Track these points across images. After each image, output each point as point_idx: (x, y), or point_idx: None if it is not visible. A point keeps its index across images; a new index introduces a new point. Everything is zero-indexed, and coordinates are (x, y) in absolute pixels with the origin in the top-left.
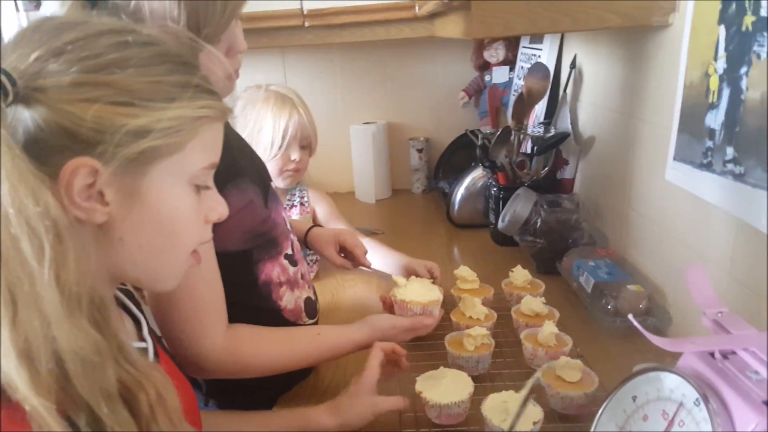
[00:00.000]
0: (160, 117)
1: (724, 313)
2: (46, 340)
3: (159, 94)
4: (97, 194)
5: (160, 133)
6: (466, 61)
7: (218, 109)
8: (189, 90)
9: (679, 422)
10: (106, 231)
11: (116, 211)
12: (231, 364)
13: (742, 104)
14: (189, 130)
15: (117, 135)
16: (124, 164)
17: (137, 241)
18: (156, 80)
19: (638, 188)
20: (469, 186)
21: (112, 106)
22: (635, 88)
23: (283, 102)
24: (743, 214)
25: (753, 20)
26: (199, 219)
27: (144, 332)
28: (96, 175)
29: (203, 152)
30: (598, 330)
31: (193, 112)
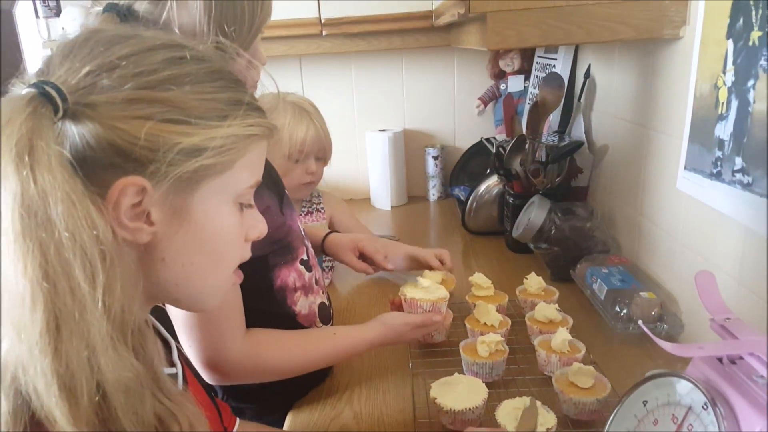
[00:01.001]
0: (214, 135)
1: (731, 319)
2: (91, 371)
3: (213, 111)
4: (144, 214)
5: (213, 152)
6: (482, 69)
7: (266, 126)
8: (241, 108)
9: (688, 426)
10: (148, 251)
11: (161, 230)
12: (251, 368)
13: (750, 116)
14: (240, 149)
15: (170, 154)
16: (175, 183)
17: (180, 261)
18: (210, 98)
19: (650, 197)
20: (484, 193)
21: (167, 124)
22: (647, 99)
23: (300, 115)
24: (751, 222)
25: (759, 35)
26: (241, 237)
27: (174, 356)
28: (144, 194)
29: (249, 170)
30: (611, 336)
31: (245, 130)
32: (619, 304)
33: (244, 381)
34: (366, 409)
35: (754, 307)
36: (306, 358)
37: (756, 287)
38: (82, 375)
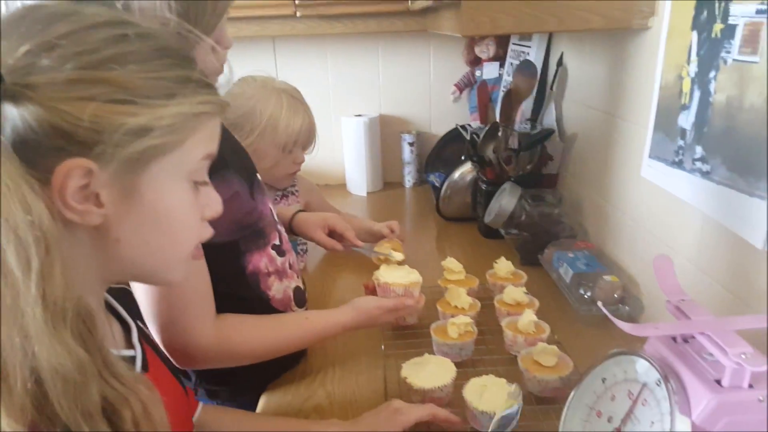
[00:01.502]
0: (161, 114)
1: (686, 301)
2: (24, 357)
3: (159, 90)
4: (92, 196)
5: (161, 132)
6: (458, 55)
7: (216, 103)
8: (189, 85)
9: (642, 401)
10: (101, 233)
11: (112, 212)
12: (221, 353)
13: (710, 106)
14: (189, 127)
15: (116, 135)
16: (123, 164)
17: (134, 241)
18: (156, 76)
19: (616, 184)
20: (458, 180)
21: (111, 104)
22: (616, 88)
23: (295, 106)
24: (709, 209)
25: (721, 27)
26: (196, 216)
27: (133, 338)
28: (91, 176)
29: (201, 146)
30: (575, 318)
31: (193, 108)
32: (584, 287)
33: (216, 365)
34: (339, 389)
35: (708, 290)
36: (278, 342)
37: (711, 271)
38: (16, 362)
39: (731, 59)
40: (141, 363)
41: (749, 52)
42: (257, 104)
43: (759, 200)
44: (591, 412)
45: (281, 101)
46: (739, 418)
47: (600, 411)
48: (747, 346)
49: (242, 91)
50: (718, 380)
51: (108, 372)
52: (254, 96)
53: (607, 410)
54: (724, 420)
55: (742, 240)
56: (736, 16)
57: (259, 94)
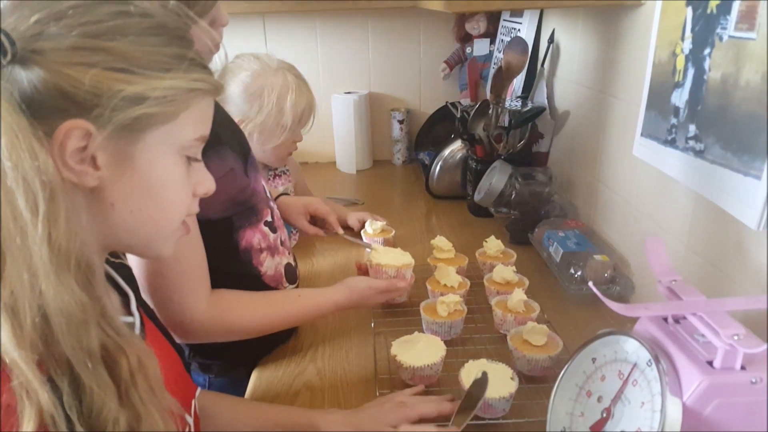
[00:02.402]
0: (156, 85)
1: (677, 281)
2: (33, 295)
3: (156, 63)
4: (89, 158)
5: (155, 101)
6: (448, 32)
7: (211, 83)
8: (184, 62)
9: (632, 381)
10: (97, 196)
11: (108, 175)
12: (215, 328)
13: (705, 84)
14: (183, 101)
15: (113, 100)
16: (119, 129)
17: (128, 207)
18: (153, 50)
19: (607, 162)
20: (448, 158)
21: (110, 72)
22: (608, 65)
23: (300, 86)
24: (701, 188)
25: (717, 3)
26: (188, 191)
27: (132, 307)
28: (89, 138)
29: (194, 124)
30: (565, 297)
31: (188, 83)
32: (574, 267)
33: (210, 340)
34: (329, 366)
35: (700, 270)
36: (271, 318)
37: (702, 251)
38: (25, 298)
39: (727, 36)
40: (139, 331)
41: (746, 28)
42: (265, 84)
43: (754, 180)
44: (581, 391)
45: (287, 81)
46: (731, 399)
47: (590, 391)
48: (740, 328)
49: (248, 70)
50: (710, 361)
51: (105, 322)
52: (261, 75)
53: (596, 390)
54: (716, 401)
55: (734, 220)
56: None
57: (265, 73)
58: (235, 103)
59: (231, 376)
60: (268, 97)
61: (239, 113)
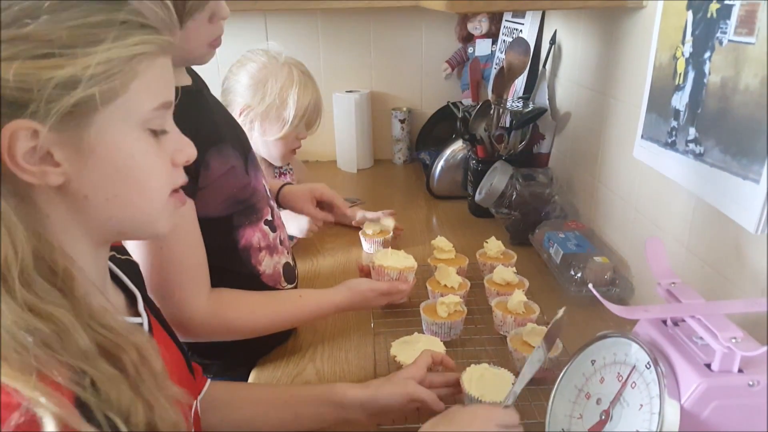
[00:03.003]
0: (88, 63)
1: (676, 284)
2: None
3: (81, 38)
4: (45, 155)
5: (92, 81)
6: (451, 32)
7: (156, 43)
8: (114, 28)
9: (631, 384)
10: (68, 192)
11: (70, 169)
12: (214, 326)
13: (705, 87)
14: (125, 72)
15: (45, 90)
16: (62, 119)
17: (103, 195)
18: (75, 24)
19: (608, 164)
20: (449, 158)
21: (33, 60)
22: (610, 67)
23: (306, 83)
24: (701, 191)
25: (717, 7)
26: (164, 162)
27: (139, 307)
28: (37, 136)
29: (150, 92)
30: (565, 299)
31: (125, 51)
32: (574, 268)
33: (209, 339)
34: (328, 366)
35: (699, 273)
36: (271, 319)
37: (702, 253)
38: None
39: (727, 40)
40: (147, 330)
41: (745, 33)
42: (270, 75)
43: (752, 183)
44: (580, 393)
45: (293, 75)
46: (729, 402)
47: (589, 393)
48: (738, 331)
49: (256, 61)
50: (708, 364)
51: (95, 322)
52: (267, 66)
53: (595, 392)
54: (713, 404)
55: (733, 223)
56: None
57: (272, 65)
58: (240, 92)
59: (230, 377)
60: (272, 88)
61: (243, 102)
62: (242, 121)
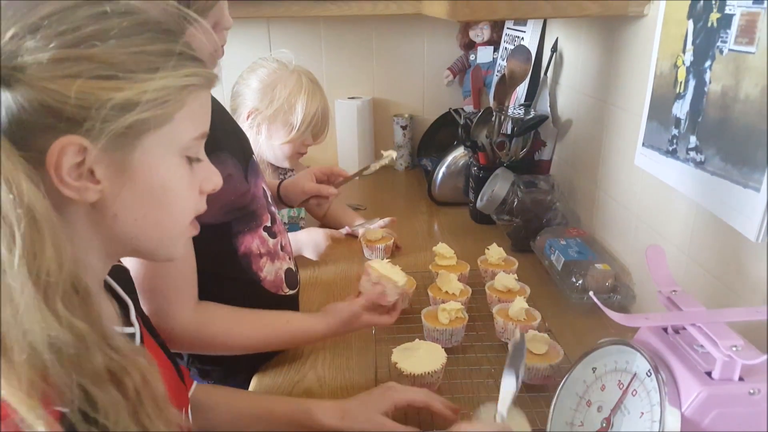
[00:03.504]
0: (146, 88)
1: (677, 292)
2: (19, 331)
3: (142, 64)
4: (87, 172)
5: (147, 105)
6: (452, 39)
7: (204, 76)
8: (172, 58)
9: (632, 391)
10: (99, 209)
11: (108, 188)
12: (197, 338)
13: (705, 96)
14: (176, 101)
15: (103, 110)
16: (113, 140)
17: (132, 215)
18: (138, 50)
19: (609, 171)
20: (451, 165)
21: (96, 81)
22: (611, 75)
23: (314, 90)
24: (702, 199)
25: (718, 17)
26: (194, 190)
27: (131, 317)
28: (85, 152)
29: (192, 122)
30: (566, 306)
31: (179, 81)
32: (575, 275)
33: (191, 351)
34: (329, 373)
35: (700, 281)
36: (254, 339)
37: (703, 261)
38: (12, 334)
39: (727, 49)
40: (139, 340)
41: (745, 42)
42: (279, 80)
43: (753, 192)
44: (581, 401)
45: (302, 82)
46: (729, 410)
47: (590, 400)
48: (738, 339)
49: (266, 67)
50: (709, 372)
51: (106, 344)
52: (277, 72)
53: (596, 400)
54: (714, 412)
55: (734, 231)
56: (733, 6)
57: (281, 71)
58: (249, 96)
59: (230, 383)
60: (280, 92)
61: (251, 105)
62: (249, 124)
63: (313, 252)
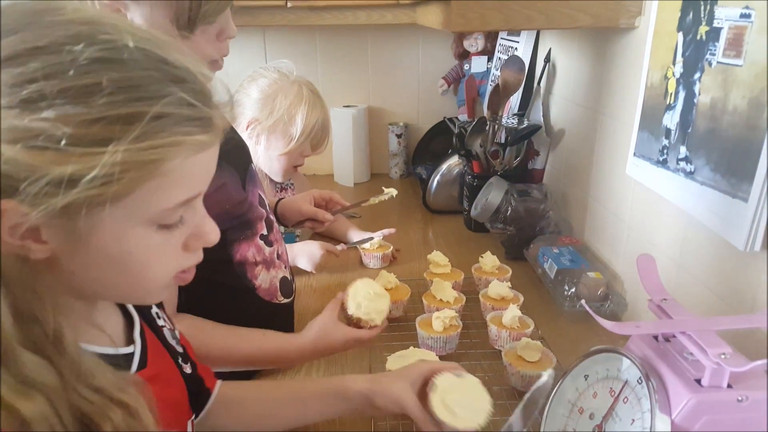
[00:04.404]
0: (91, 164)
1: (668, 300)
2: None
3: (87, 136)
4: (31, 232)
5: (91, 184)
6: (447, 48)
7: (190, 145)
8: (136, 127)
9: (623, 399)
10: (54, 264)
11: (58, 249)
12: None
13: (695, 107)
14: (137, 177)
15: (36, 185)
16: (55, 211)
17: (91, 276)
18: (86, 119)
19: (601, 181)
20: (445, 173)
21: (30, 151)
22: (603, 86)
23: (314, 102)
24: (692, 209)
25: (706, 30)
26: (171, 253)
27: (135, 333)
28: (25, 216)
29: (170, 191)
30: (558, 314)
31: (141, 155)
32: (568, 283)
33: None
34: None
35: (690, 289)
36: (227, 354)
37: (694, 270)
38: None
39: (716, 61)
40: (139, 359)
41: (733, 55)
42: (279, 91)
43: (741, 202)
44: (573, 408)
45: (302, 93)
46: (718, 417)
47: (582, 407)
48: (727, 347)
49: (267, 77)
50: (698, 380)
51: (83, 385)
52: (278, 82)
53: (588, 407)
54: (703, 419)
55: (723, 240)
56: (721, 20)
57: (282, 81)
58: (249, 106)
59: None
60: (281, 103)
61: (251, 115)
62: (249, 134)
63: (308, 262)
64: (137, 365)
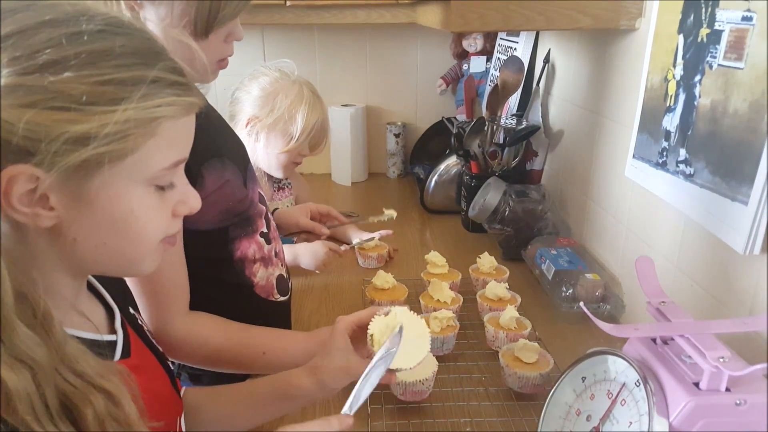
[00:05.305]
0: (105, 121)
1: (666, 303)
2: None
3: (103, 96)
4: (41, 199)
5: (105, 140)
6: (446, 48)
7: (181, 105)
8: (141, 87)
9: (621, 401)
10: (57, 233)
11: (65, 215)
12: (184, 346)
13: (695, 110)
14: (141, 134)
15: (55, 144)
16: (67, 172)
17: (92, 241)
18: (99, 80)
19: (600, 182)
20: (443, 173)
21: (50, 112)
22: (602, 87)
23: (314, 102)
24: (691, 212)
25: (707, 32)
26: (164, 215)
27: (116, 323)
28: (37, 181)
29: (164, 152)
30: (556, 315)
31: (146, 113)
32: (565, 285)
33: (177, 358)
34: None
35: (688, 292)
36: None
37: (692, 273)
38: None
39: (716, 64)
40: (122, 348)
41: (734, 58)
42: (280, 89)
43: (741, 205)
44: (570, 410)
45: (303, 93)
46: (716, 420)
47: (579, 409)
48: (725, 350)
49: (268, 76)
50: (696, 383)
51: (66, 368)
52: (279, 81)
53: (586, 409)
54: (701, 422)
55: (723, 243)
56: (722, 22)
57: (283, 80)
58: (249, 103)
59: None
60: (281, 102)
61: (251, 112)
62: (248, 132)
63: (311, 262)
64: (120, 354)
